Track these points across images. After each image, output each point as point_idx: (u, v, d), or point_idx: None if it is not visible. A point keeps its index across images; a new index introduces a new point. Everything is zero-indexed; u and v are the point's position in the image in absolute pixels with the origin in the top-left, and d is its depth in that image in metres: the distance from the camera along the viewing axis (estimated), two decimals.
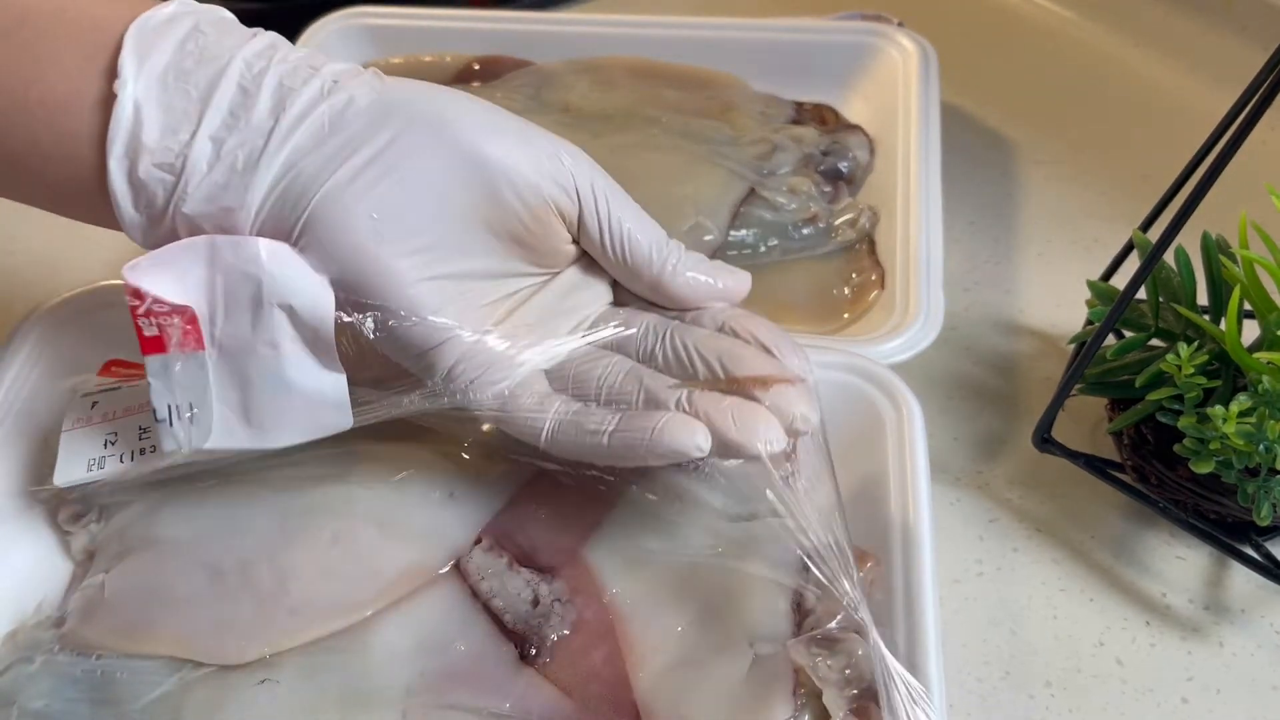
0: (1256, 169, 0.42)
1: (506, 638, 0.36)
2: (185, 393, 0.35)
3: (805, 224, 0.52)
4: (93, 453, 0.37)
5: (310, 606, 0.37)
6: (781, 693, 0.34)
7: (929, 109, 0.55)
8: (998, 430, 0.46)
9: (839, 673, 0.34)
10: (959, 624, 0.39)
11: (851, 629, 0.34)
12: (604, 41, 0.62)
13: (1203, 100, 0.63)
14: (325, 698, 0.35)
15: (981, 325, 0.51)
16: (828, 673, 0.34)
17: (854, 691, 0.34)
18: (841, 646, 0.34)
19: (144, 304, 0.34)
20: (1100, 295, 0.43)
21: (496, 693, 0.35)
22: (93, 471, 0.37)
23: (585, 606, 0.36)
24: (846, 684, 0.34)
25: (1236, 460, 0.36)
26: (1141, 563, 0.41)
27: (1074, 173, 0.60)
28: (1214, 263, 0.40)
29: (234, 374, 0.35)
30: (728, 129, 0.57)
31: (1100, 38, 0.69)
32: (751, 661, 0.35)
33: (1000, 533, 0.42)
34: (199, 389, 0.35)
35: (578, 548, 0.38)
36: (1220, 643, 0.39)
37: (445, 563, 0.38)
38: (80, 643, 0.37)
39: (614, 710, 0.34)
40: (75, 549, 0.39)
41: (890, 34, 0.60)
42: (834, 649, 0.34)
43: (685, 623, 0.36)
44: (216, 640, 0.36)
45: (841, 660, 0.34)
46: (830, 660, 0.34)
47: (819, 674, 0.34)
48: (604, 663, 0.35)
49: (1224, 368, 0.39)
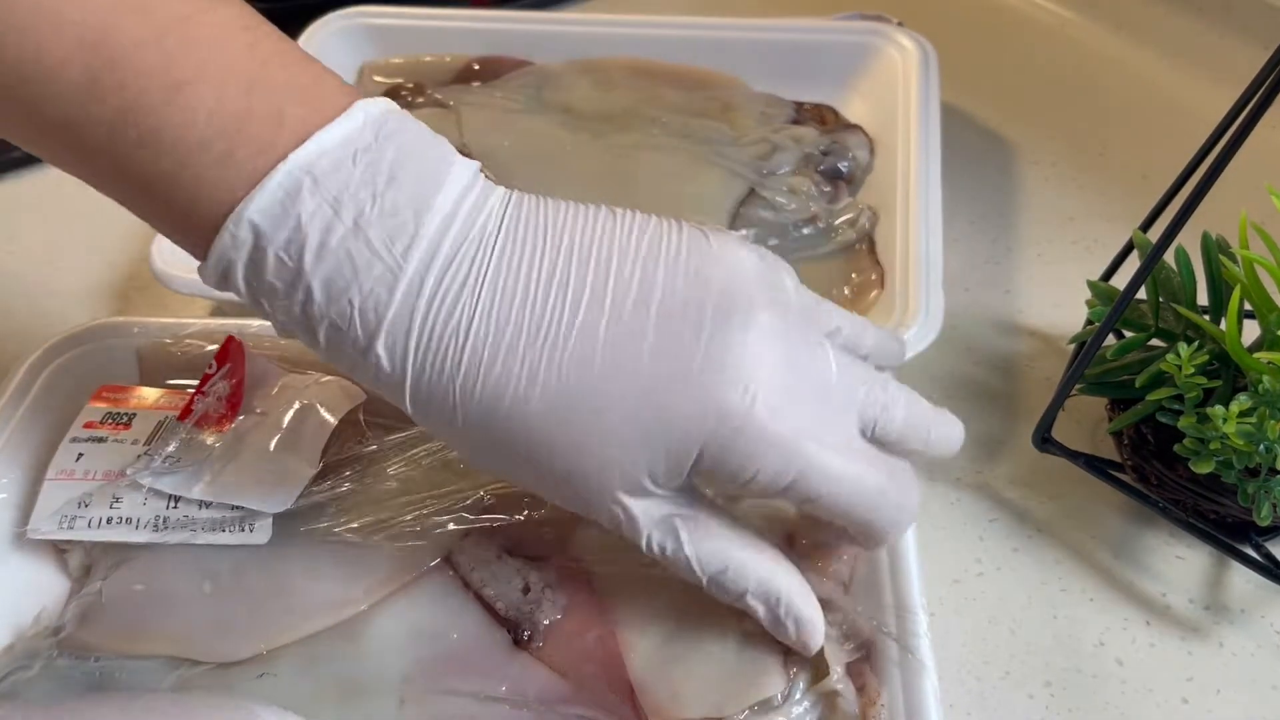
0: (1257, 169, 0.42)
1: (499, 624, 0.36)
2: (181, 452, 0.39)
3: (805, 224, 0.52)
4: (66, 511, 0.38)
5: (304, 604, 0.37)
6: (774, 665, 0.34)
7: (929, 109, 0.55)
8: (998, 430, 0.46)
9: (836, 628, 0.35)
10: (959, 624, 0.39)
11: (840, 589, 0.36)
12: (604, 41, 0.62)
13: (1203, 100, 0.63)
14: (324, 688, 0.35)
15: (981, 325, 0.51)
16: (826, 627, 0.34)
17: (851, 645, 0.35)
18: (835, 604, 0.35)
19: (210, 386, 0.40)
20: (1100, 295, 0.43)
21: (492, 676, 0.35)
22: (63, 530, 0.38)
23: (576, 591, 0.37)
24: (844, 639, 0.35)
25: (1236, 460, 0.36)
26: (1141, 563, 0.41)
27: (1074, 173, 0.60)
28: (1214, 263, 0.40)
29: (230, 451, 0.39)
30: (728, 129, 0.57)
31: (1100, 38, 0.69)
32: (742, 636, 0.35)
33: (1000, 533, 0.42)
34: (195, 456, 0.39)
35: (566, 535, 0.38)
36: (1220, 643, 0.39)
37: (435, 556, 0.38)
38: (79, 646, 0.37)
39: (609, 688, 0.35)
40: (73, 565, 0.40)
41: (890, 34, 0.60)
42: (829, 607, 0.35)
43: (675, 602, 0.36)
44: (213, 639, 0.37)
45: (837, 616, 0.35)
46: (828, 615, 0.35)
47: None
48: (597, 643, 0.36)
49: (1224, 368, 0.39)
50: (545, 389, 0.30)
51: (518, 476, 0.33)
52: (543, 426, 0.30)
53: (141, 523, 0.38)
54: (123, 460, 0.39)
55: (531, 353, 0.30)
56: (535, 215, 0.31)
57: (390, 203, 0.29)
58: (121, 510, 0.38)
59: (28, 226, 0.59)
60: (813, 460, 0.31)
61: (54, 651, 0.37)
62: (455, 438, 0.32)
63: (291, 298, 0.30)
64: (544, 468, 0.31)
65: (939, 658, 0.37)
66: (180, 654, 0.36)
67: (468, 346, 0.30)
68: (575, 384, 0.30)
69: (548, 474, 0.31)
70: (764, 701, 0.34)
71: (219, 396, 0.40)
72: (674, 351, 0.30)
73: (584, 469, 0.31)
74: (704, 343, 0.30)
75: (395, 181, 0.29)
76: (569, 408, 0.30)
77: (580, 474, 0.31)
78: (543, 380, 0.30)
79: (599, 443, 0.30)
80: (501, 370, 0.30)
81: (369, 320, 0.30)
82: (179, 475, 0.38)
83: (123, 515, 0.38)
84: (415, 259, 0.29)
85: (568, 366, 0.30)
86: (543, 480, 0.32)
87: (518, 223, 0.31)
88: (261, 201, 0.28)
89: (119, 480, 0.38)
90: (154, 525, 0.38)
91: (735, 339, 0.30)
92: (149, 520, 0.38)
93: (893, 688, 0.33)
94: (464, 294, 0.30)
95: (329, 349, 0.31)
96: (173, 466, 0.39)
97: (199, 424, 0.40)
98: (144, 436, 0.40)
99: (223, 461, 0.39)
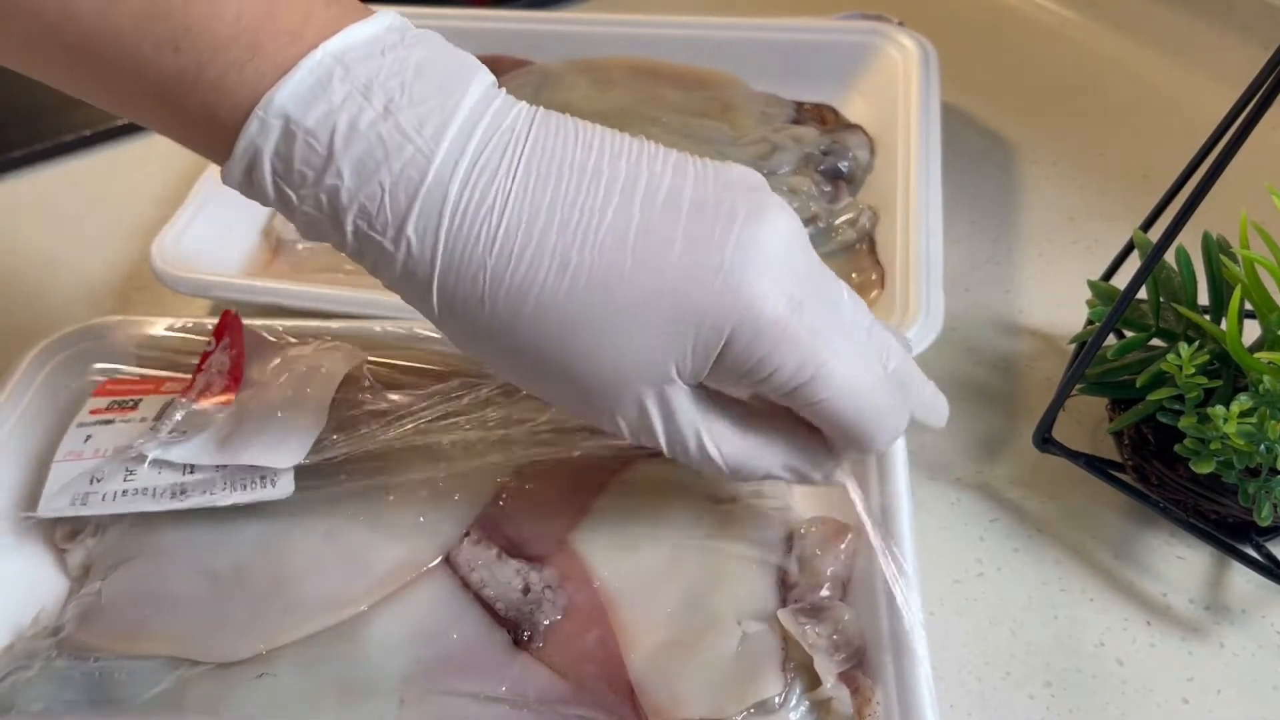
0: (1257, 169, 0.42)
1: (499, 625, 0.36)
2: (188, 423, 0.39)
3: (805, 224, 0.52)
4: (79, 488, 0.38)
5: (304, 604, 0.37)
6: (772, 667, 0.35)
7: (929, 109, 0.55)
8: (998, 430, 0.46)
9: (827, 639, 0.35)
10: (959, 624, 0.39)
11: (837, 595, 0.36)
12: (604, 41, 0.62)
13: (1203, 100, 0.63)
14: (323, 688, 0.35)
15: (981, 325, 0.51)
16: (816, 639, 0.35)
17: (842, 656, 0.35)
18: (828, 615, 0.35)
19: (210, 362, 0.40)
20: (1101, 295, 0.43)
21: (492, 677, 0.35)
22: (75, 506, 0.38)
23: (576, 592, 0.37)
24: (835, 649, 0.35)
25: (1237, 460, 0.36)
26: (1142, 563, 0.41)
27: (1074, 173, 0.59)
28: (1215, 262, 0.40)
29: (236, 415, 0.39)
30: (728, 129, 0.57)
31: (1100, 38, 0.69)
32: (741, 638, 0.35)
33: (1001, 533, 0.42)
34: (201, 424, 0.39)
35: (565, 536, 0.39)
36: (1221, 643, 0.39)
37: (435, 557, 0.38)
38: (78, 646, 0.37)
39: (609, 689, 0.35)
40: (72, 565, 0.40)
41: (890, 34, 0.60)
42: (821, 617, 0.35)
43: (674, 604, 0.37)
44: (213, 639, 0.37)
45: (829, 627, 0.35)
46: (818, 628, 0.35)
47: (807, 641, 0.35)
48: (597, 644, 0.36)
49: (1225, 368, 0.39)
50: (576, 276, 0.30)
51: (537, 375, 0.33)
52: (572, 314, 0.30)
53: (159, 492, 0.37)
54: (132, 437, 0.39)
55: (564, 239, 0.30)
56: (564, 121, 0.32)
57: (420, 92, 0.30)
58: (137, 481, 0.37)
59: (28, 226, 0.59)
60: (830, 363, 0.31)
61: (53, 651, 0.37)
62: (477, 333, 0.31)
63: (320, 184, 0.29)
64: (568, 360, 0.31)
65: (939, 658, 0.37)
66: (180, 654, 0.36)
67: (501, 229, 0.30)
68: (606, 272, 0.30)
69: (570, 368, 0.31)
70: (762, 703, 0.34)
71: (220, 370, 0.40)
72: (705, 244, 0.30)
73: (611, 359, 0.31)
74: (735, 236, 0.30)
75: (424, 75, 0.30)
76: (599, 295, 0.30)
77: (607, 366, 0.31)
78: (574, 266, 0.30)
79: (627, 331, 0.30)
80: (534, 255, 0.30)
81: (400, 202, 0.29)
82: (188, 444, 0.38)
83: (139, 486, 0.37)
84: (447, 142, 0.29)
85: (599, 254, 0.30)
86: (564, 376, 0.32)
87: (548, 122, 0.31)
88: (291, 87, 0.29)
89: (128, 454, 0.38)
90: (172, 493, 0.37)
91: (765, 236, 0.31)
92: (166, 489, 0.37)
93: (887, 684, 0.33)
94: (498, 177, 0.30)
95: (356, 239, 0.30)
96: (180, 438, 0.38)
97: (202, 396, 0.39)
98: (151, 415, 0.40)
99: (230, 426, 0.38)
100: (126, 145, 0.65)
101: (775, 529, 0.39)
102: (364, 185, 0.29)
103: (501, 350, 0.32)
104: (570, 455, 0.41)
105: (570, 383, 0.32)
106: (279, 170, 0.30)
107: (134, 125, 0.64)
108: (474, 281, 0.30)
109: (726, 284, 0.30)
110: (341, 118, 0.29)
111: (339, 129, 0.29)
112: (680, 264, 0.30)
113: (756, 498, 0.40)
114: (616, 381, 0.31)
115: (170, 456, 0.38)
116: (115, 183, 0.62)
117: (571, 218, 0.30)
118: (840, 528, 0.38)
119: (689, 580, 0.37)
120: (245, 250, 0.54)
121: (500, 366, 0.33)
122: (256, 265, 0.54)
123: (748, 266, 0.30)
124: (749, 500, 0.40)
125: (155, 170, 0.62)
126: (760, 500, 0.40)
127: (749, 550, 0.38)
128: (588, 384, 0.32)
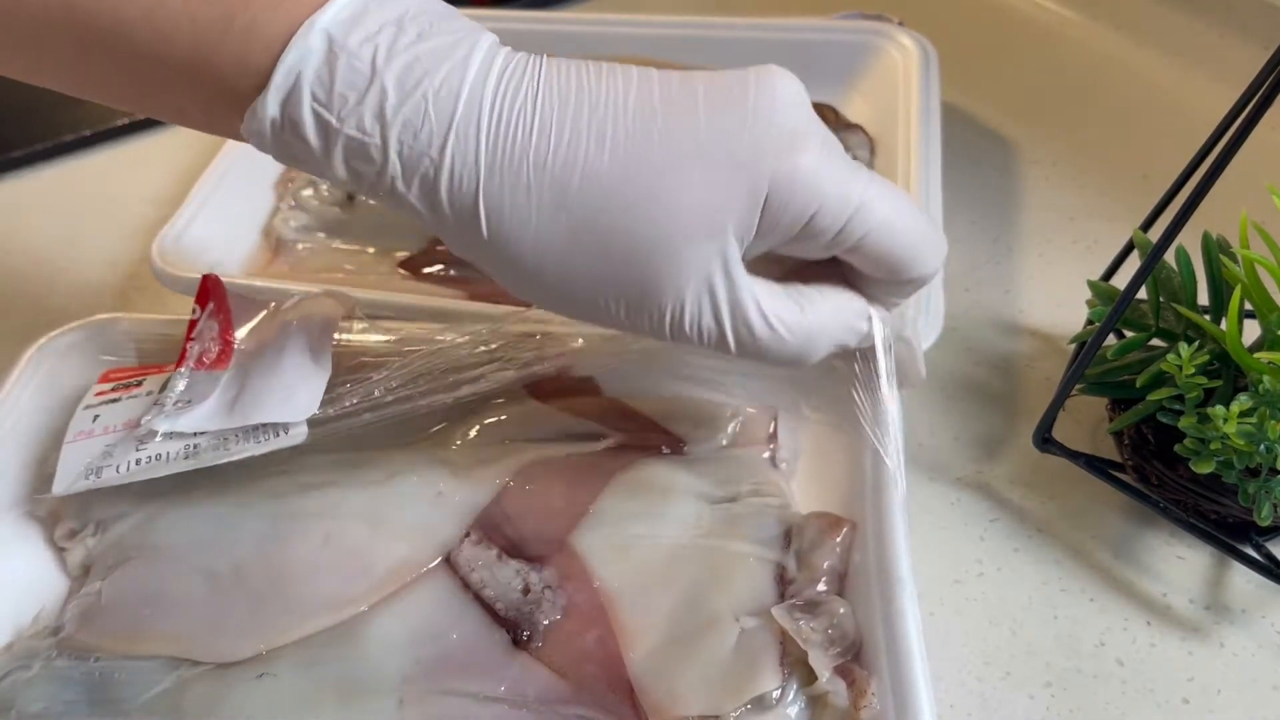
0: (1257, 169, 0.42)
1: (499, 625, 0.36)
2: (191, 391, 0.38)
3: None
4: (91, 463, 0.38)
5: (304, 604, 0.37)
6: (769, 663, 0.35)
7: (929, 108, 0.55)
8: (998, 430, 0.46)
9: (822, 633, 0.35)
10: (959, 624, 0.39)
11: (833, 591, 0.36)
12: (604, 41, 0.62)
13: (1203, 100, 0.63)
14: (323, 688, 0.35)
15: (981, 325, 0.51)
16: (811, 634, 0.35)
17: (837, 650, 0.35)
18: (823, 609, 0.36)
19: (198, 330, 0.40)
20: (1101, 295, 0.43)
21: (492, 677, 0.35)
22: (90, 479, 0.37)
23: (576, 592, 0.37)
24: (830, 644, 0.35)
25: (1237, 460, 0.36)
26: (1142, 563, 0.41)
27: (1074, 173, 0.60)
28: (1215, 262, 0.40)
29: (237, 376, 0.38)
30: None
31: (1100, 38, 0.69)
32: (738, 635, 0.35)
33: (1001, 533, 0.42)
34: (204, 390, 0.38)
35: (565, 537, 0.39)
36: (1221, 643, 0.39)
37: (435, 557, 0.38)
38: (78, 647, 0.37)
39: (608, 688, 0.35)
40: (72, 564, 0.40)
41: (891, 33, 0.60)
42: (815, 612, 0.35)
43: (673, 602, 0.37)
44: (213, 639, 0.37)
45: (824, 621, 0.35)
46: (813, 623, 0.35)
47: (802, 636, 0.35)
48: (597, 644, 0.36)
49: (1225, 368, 0.39)
50: (615, 144, 0.31)
51: (595, 258, 0.32)
52: (617, 180, 0.31)
53: (172, 456, 0.37)
54: (139, 410, 0.39)
55: (596, 116, 0.32)
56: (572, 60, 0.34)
57: (448, 26, 0.32)
58: (149, 450, 0.37)
59: (28, 226, 0.59)
60: (868, 192, 0.33)
61: (53, 651, 0.37)
62: (528, 231, 0.32)
63: (363, 103, 0.31)
64: (624, 228, 0.32)
65: (939, 658, 0.37)
66: (179, 654, 0.36)
67: (536, 118, 0.31)
68: (642, 136, 0.32)
69: (630, 234, 0.32)
70: (759, 699, 0.34)
71: (211, 335, 0.40)
72: (727, 102, 0.32)
73: (664, 218, 0.32)
74: (753, 93, 0.32)
75: (450, 15, 0.33)
76: (640, 157, 0.32)
77: (663, 224, 0.32)
78: (610, 136, 0.31)
79: (675, 191, 0.32)
80: (571, 135, 0.31)
81: (444, 109, 0.31)
82: (196, 412, 0.38)
83: (152, 454, 0.37)
84: (478, 58, 0.32)
85: (633, 121, 0.32)
86: (623, 251, 0.32)
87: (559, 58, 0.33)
88: (333, 12, 0.30)
89: (137, 433, 0.38)
90: (184, 454, 0.37)
91: (781, 89, 0.33)
92: (178, 453, 0.37)
93: (882, 676, 0.33)
94: (525, 79, 0.32)
95: (401, 155, 0.31)
96: (186, 407, 0.38)
97: (199, 365, 0.39)
98: (157, 389, 0.40)
99: (235, 388, 0.38)
100: (126, 145, 0.65)
101: (774, 525, 0.39)
102: (408, 98, 0.31)
103: (555, 241, 0.32)
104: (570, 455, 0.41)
105: (629, 256, 0.32)
106: (319, 96, 0.31)
107: (134, 125, 0.64)
108: (519, 173, 0.31)
109: (756, 133, 0.32)
110: (381, 40, 0.31)
111: (380, 49, 0.31)
112: (710, 122, 0.32)
113: (755, 495, 0.40)
114: (676, 243, 0.32)
115: (180, 427, 0.37)
116: (115, 183, 0.62)
117: (600, 97, 0.32)
118: (835, 521, 0.38)
119: (688, 579, 0.37)
120: (245, 250, 0.54)
121: (554, 269, 0.33)
122: (256, 265, 0.54)
123: (774, 113, 0.32)
124: (748, 497, 0.40)
125: (155, 170, 0.62)
126: (759, 497, 0.40)
127: (748, 547, 0.38)
128: (647, 251, 0.32)
